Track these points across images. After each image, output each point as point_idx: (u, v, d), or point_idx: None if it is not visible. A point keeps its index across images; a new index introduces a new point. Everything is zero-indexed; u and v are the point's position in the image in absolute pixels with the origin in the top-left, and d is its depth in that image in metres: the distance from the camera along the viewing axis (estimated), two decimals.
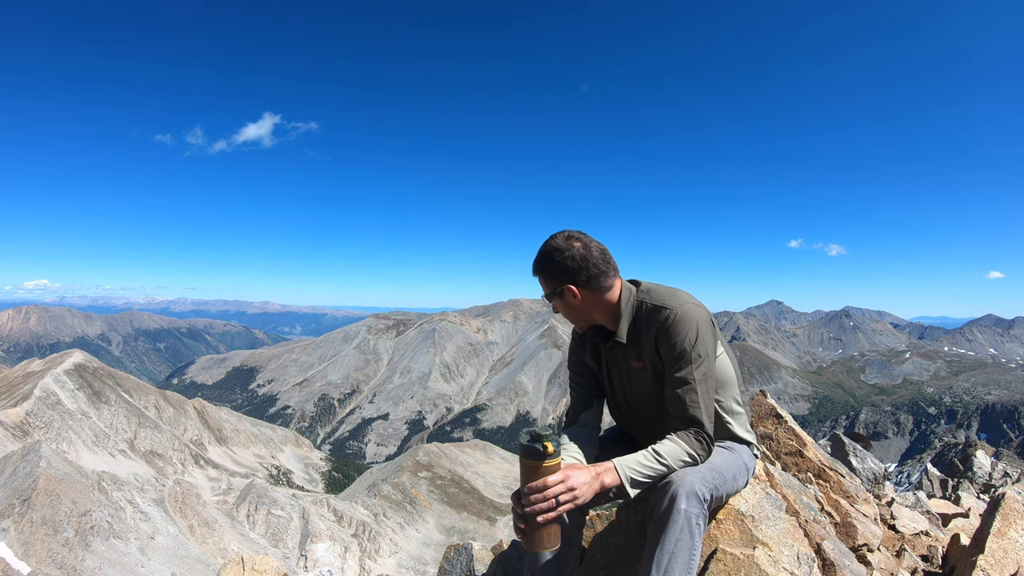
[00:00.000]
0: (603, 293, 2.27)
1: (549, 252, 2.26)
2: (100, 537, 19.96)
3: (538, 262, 2.29)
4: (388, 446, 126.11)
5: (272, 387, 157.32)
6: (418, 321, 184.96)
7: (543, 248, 2.28)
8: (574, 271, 2.23)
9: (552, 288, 2.29)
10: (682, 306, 2.19)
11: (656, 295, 2.27)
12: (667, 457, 2.10)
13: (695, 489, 2.05)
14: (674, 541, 1.99)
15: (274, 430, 71.93)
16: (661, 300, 2.24)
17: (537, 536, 1.95)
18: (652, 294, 2.27)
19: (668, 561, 1.97)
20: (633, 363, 2.30)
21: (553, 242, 2.26)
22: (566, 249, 2.23)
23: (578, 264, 2.22)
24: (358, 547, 32.28)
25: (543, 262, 2.28)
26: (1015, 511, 2.73)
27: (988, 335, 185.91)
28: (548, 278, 2.29)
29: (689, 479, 2.07)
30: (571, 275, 2.24)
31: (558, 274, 2.25)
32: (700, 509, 2.05)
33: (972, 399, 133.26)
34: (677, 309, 2.18)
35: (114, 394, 49.22)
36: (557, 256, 2.24)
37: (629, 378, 2.36)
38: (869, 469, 4.31)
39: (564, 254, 2.23)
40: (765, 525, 2.56)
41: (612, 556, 2.72)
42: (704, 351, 2.18)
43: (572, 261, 2.22)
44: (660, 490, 2.09)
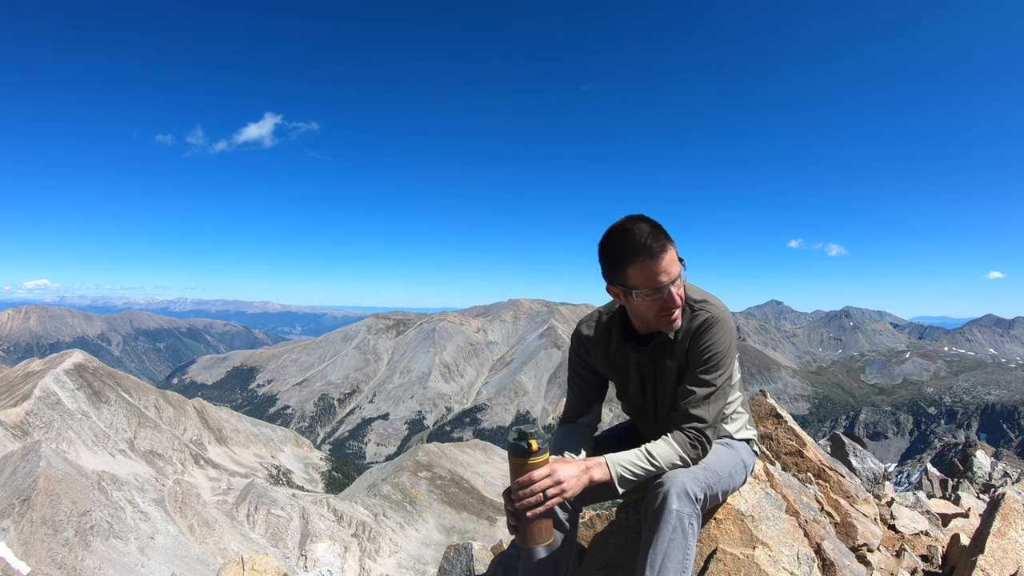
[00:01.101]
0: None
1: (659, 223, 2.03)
2: (100, 537, 19.96)
3: (663, 228, 2.01)
4: (388, 446, 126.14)
5: (272, 387, 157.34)
6: (418, 321, 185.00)
7: (650, 218, 2.01)
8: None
9: (679, 262, 2.05)
10: (722, 311, 2.14)
11: (692, 295, 2.18)
12: (659, 458, 2.08)
13: (687, 488, 2.04)
14: (667, 541, 1.98)
15: (274, 430, 71.95)
16: (699, 302, 2.16)
17: (529, 532, 1.96)
18: (687, 293, 2.18)
19: (662, 561, 1.97)
20: (669, 362, 2.22)
21: (648, 216, 2.03)
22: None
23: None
24: (358, 547, 32.29)
25: (664, 229, 2.02)
26: (1015, 511, 2.73)
27: (988, 335, 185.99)
28: (673, 249, 2.03)
29: (681, 478, 2.06)
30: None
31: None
32: (692, 509, 2.04)
33: (972, 399, 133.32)
34: (719, 313, 2.13)
35: (114, 394, 49.23)
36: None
37: (662, 377, 2.27)
38: (869, 469, 4.32)
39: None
40: (765, 525, 2.57)
41: (612, 556, 2.72)
42: (732, 358, 2.17)
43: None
44: (652, 490, 2.09)
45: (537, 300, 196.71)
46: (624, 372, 2.37)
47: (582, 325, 2.45)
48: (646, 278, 1.99)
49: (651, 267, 1.96)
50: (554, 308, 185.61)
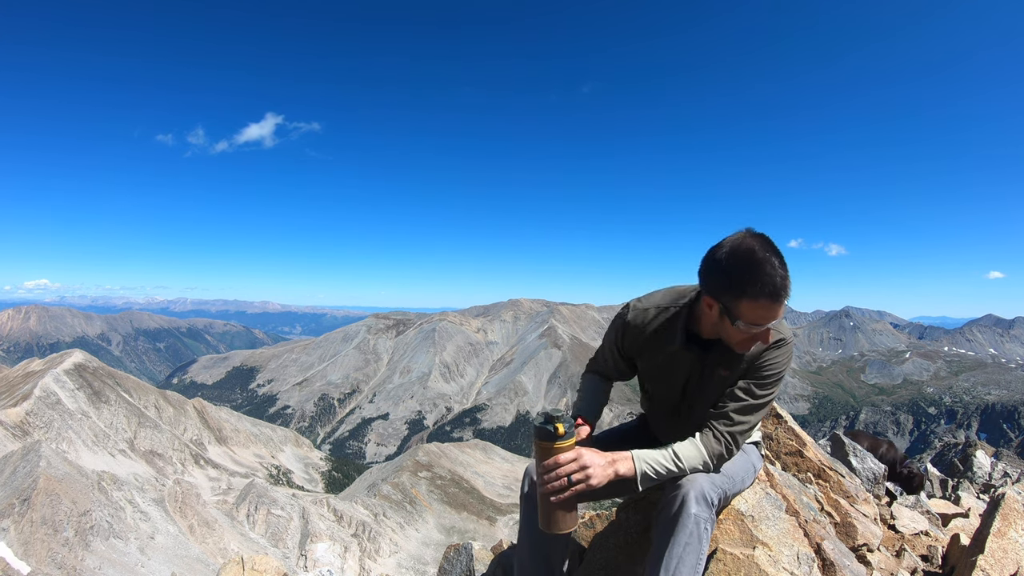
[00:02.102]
0: None
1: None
2: (100, 537, 19.95)
3: (786, 266, 1.90)
4: (388, 446, 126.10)
5: (272, 387, 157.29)
6: (418, 321, 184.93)
7: (779, 250, 1.90)
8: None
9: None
10: (790, 334, 2.14)
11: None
12: (684, 460, 2.06)
13: (705, 493, 2.04)
14: (683, 545, 1.98)
15: (274, 430, 71.94)
16: (778, 327, 2.09)
17: (553, 517, 1.94)
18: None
19: (676, 565, 1.97)
20: (723, 371, 2.16)
21: (777, 246, 1.94)
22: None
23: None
24: (358, 547, 32.28)
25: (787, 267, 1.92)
26: (1015, 511, 2.73)
27: (988, 335, 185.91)
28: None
29: (700, 483, 2.06)
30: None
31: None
32: (709, 513, 2.05)
33: (972, 399, 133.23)
34: (789, 337, 2.13)
35: (114, 394, 49.22)
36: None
37: (709, 383, 2.20)
38: (869, 469, 4.31)
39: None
40: (765, 525, 2.57)
41: (612, 556, 2.72)
42: (777, 379, 2.17)
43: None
44: (669, 492, 2.09)
45: (537, 300, 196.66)
46: (667, 369, 2.28)
47: (633, 314, 2.30)
48: (759, 317, 1.88)
49: (768, 310, 1.87)
50: (554, 308, 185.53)
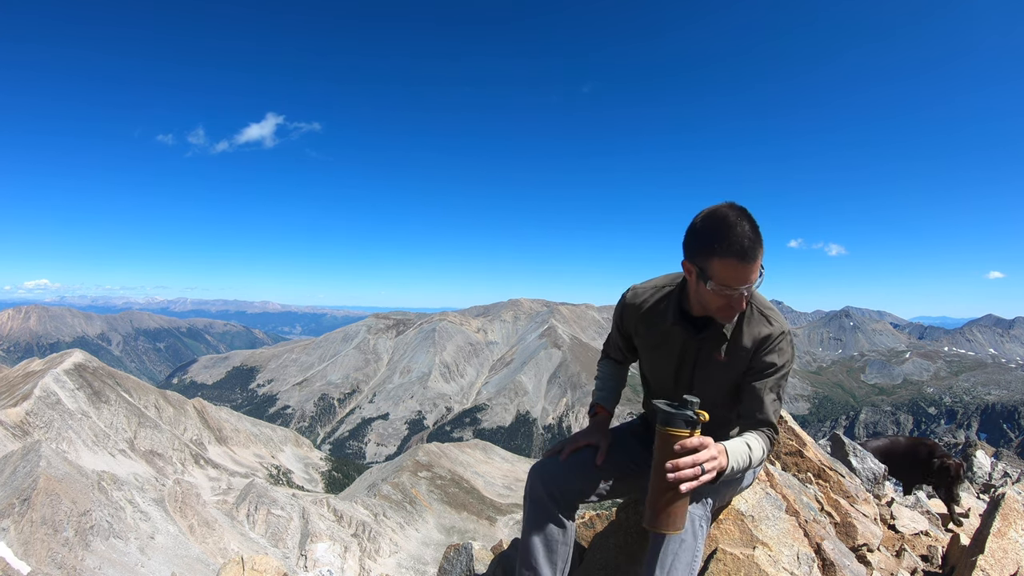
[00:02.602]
0: None
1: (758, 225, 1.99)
2: (100, 537, 19.95)
3: (760, 233, 1.97)
4: (388, 446, 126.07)
5: (272, 387, 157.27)
6: (418, 321, 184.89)
7: (752, 217, 1.97)
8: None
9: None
10: (786, 325, 2.24)
11: (761, 300, 2.24)
12: (755, 457, 2.10)
13: (699, 490, 2.04)
14: (678, 542, 1.99)
15: (274, 430, 71.93)
16: (770, 312, 2.22)
17: (674, 513, 1.86)
18: (760, 303, 2.22)
19: (672, 562, 1.98)
20: (718, 356, 2.22)
21: (751, 214, 1.99)
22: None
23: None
24: (358, 547, 32.29)
25: (761, 234, 1.98)
26: (1015, 511, 2.73)
27: (988, 335, 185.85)
28: (762, 255, 2.00)
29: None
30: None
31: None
32: (703, 511, 2.06)
33: (972, 399, 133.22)
34: (786, 328, 2.22)
35: (114, 394, 49.22)
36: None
37: (706, 366, 2.25)
38: (869, 469, 4.31)
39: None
40: (765, 525, 2.57)
41: (612, 556, 2.72)
42: (792, 362, 2.27)
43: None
44: None
45: (537, 300, 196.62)
46: (663, 348, 2.33)
47: (631, 293, 2.42)
48: (728, 277, 1.96)
49: (738, 270, 1.94)
50: (554, 308, 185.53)
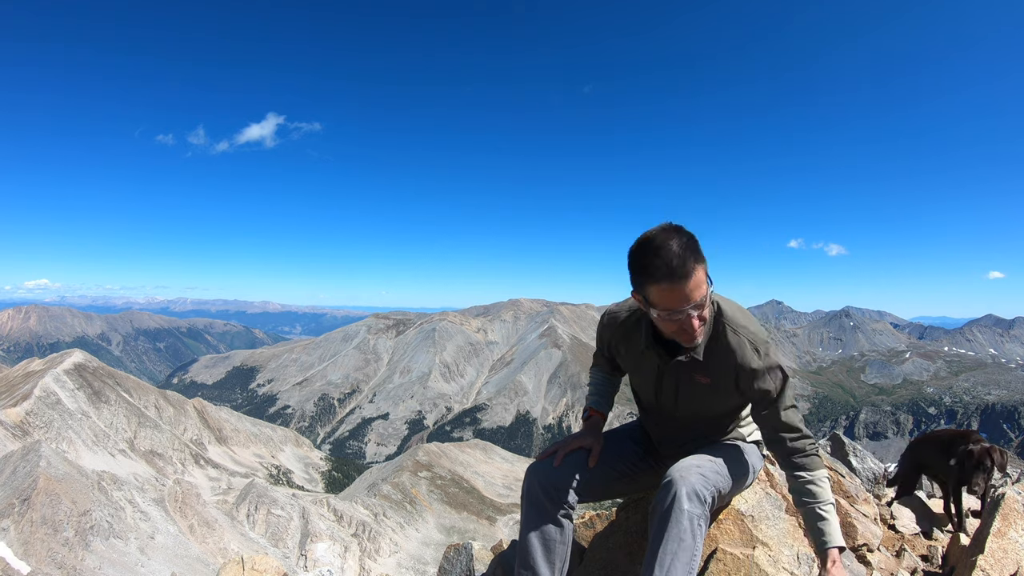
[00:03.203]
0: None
1: (694, 240, 1.95)
2: (100, 537, 19.95)
3: (695, 248, 1.93)
4: (388, 446, 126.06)
5: (272, 387, 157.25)
6: (418, 321, 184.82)
7: (686, 234, 1.93)
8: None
9: (706, 282, 1.98)
10: (767, 339, 2.19)
11: (736, 320, 2.16)
12: (829, 497, 2.22)
13: (696, 490, 2.05)
14: (676, 542, 1.99)
15: (274, 430, 71.92)
16: (741, 327, 2.16)
17: None
18: (731, 319, 2.16)
19: (671, 561, 1.98)
20: (700, 378, 2.21)
21: (684, 231, 1.96)
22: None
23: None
24: (358, 547, 32.29)
25: (698, 249, 1.94)
26: (1015, 511, 2.73)
27: (988, 335, 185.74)
28: (703, 269, 1.96)
29: (692, 479, 2.07)
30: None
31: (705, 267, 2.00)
32: (702, 510, 2.06)
33: (972, 399, 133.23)
34: (761, 339, 2.17)
35: (114, 394, 49.23)
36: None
37: (688, 389, 2.27)
38: (869, 469, 4.32)
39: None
40: (765, 525, 2.57)
41: (612, 556, 2.72)
42: (788, 370, 2.26)
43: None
44: (662, 489, 2.10)
45: (537, 300, 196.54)
46: (642, 371, 2.38)
47: (608, 317, 2.47)
48: (668, 301, 1.93)
49: (672, 292, 1.91)
50: (554, 308, 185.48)
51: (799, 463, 2.21)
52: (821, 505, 2.18)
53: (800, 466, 2.21)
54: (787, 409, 2.20)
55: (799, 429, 2.22)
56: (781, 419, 2.20)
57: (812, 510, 2.20)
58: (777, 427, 2.22)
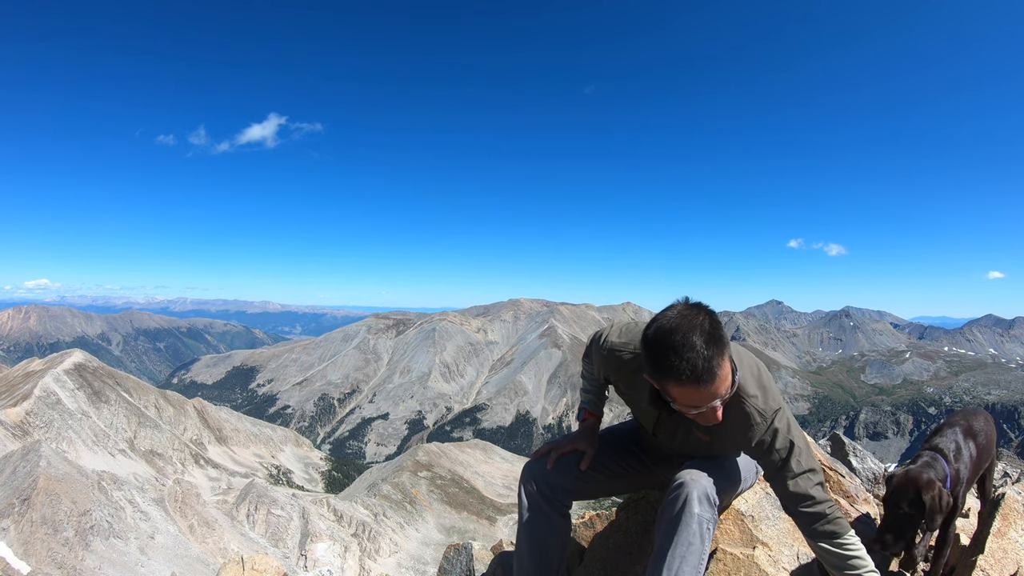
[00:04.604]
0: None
1: (717, 326, 1.79)
2: (100, 537, 19.95)
3: (720, 340, 1.77)
4: (388, 446, 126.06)
5: (272, 387, 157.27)
6: (418, 321, 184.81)
7: (708, 320, 1.77)
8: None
9: (731, 372, 1.85)
10: (778, 406, 2.05)
11: (747, 390, 2.01)
12: (864, 556, 2.05)
13: (708, 493, 2.06)
14: (686, 545, 1.99)
15: (274, 430, 71.92)
16: (760, 400, 2.03)
17: None
18: (743, 387, 2.01)
19: (679, 564, 1.98)
20: (700, 435, 2.15)
21: (706, 315, 1.80)
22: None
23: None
24: (358, 547, 32.29)
25: (722, 338, 1.79)
26: (1015, 511, 2.73)
27: (988, 335, 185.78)
28: (728, 362, 1.82)
29: (703, 483, 2.07)
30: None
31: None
32: (711, 514, 2.06)
33: (972, 399, 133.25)
34: (775, 412, 2.03)
35: (114, 394, 49.23)
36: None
37: (686, 438, 2.23)
38: (869, 469, 4.31)
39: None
40: (765, 525, 2.57)
41: (612, 556, 2.73)
42: (801, 438, 2.08)
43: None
44: (672, 492, 2.10)
45: (537, 300, 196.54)
46: (639, 408, 2.30)
47: (606, 350, 2.29)
48: (690, 400, 1.81)
49: (696, 394, 1.78)
50: (554, 308, 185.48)
51: (822, 531, 2.02)
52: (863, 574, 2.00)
53: (824, 535, 2.02)
54: (796, 478, 2.02)
55: (811, 496, 2.01)
56: (789, 489, 2.04)
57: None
58: (787, 496, 2.07)
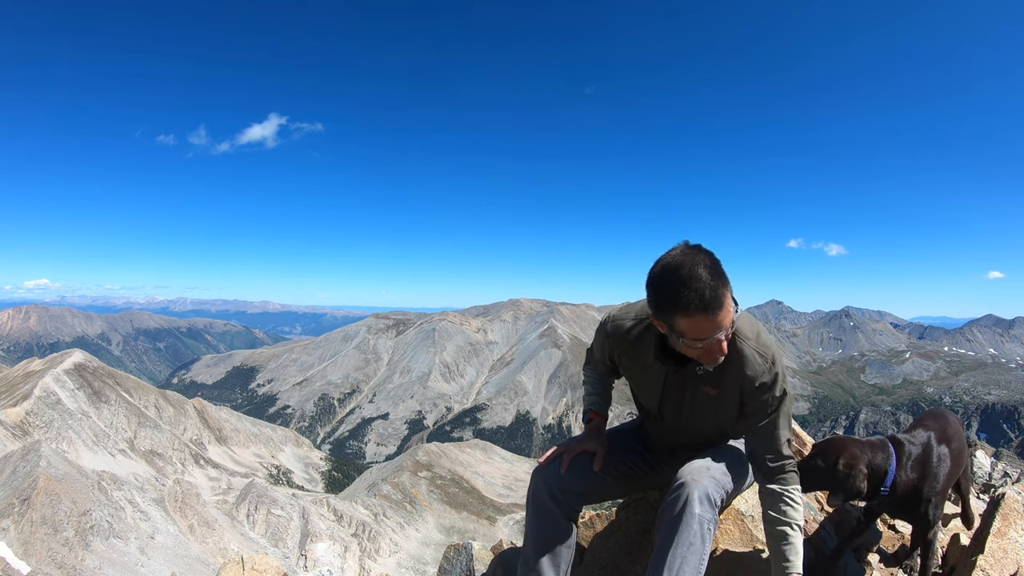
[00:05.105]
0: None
1: (718, 262, 1.90)
2: (100, 537, 19.95)
3: (722, 273, 1.87)
4: (388, 446, 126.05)
5: (272, 387, 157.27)
6: (418, 321, 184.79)
7: (710, 256, 1.87)
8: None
9: (732, 304, 1.92)
10: (776, 352, 2.13)
11: (745, 332, 2.10)
12: (799, 523, 2.12)
13: (708, 494, 2.05)
14: (687, 546, 1.99)
15: (274, 430, 71.91)
16: (755, 342, 2.10)
17: None
18: (741, 330, 2.08)
19: (680, 565, 1.98)
20: (707, 389, 2.17)
21: (708, 253, 1.90)
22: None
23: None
24: (358, 547, 32.29)
25: (723, 272, 1.88)
26: (1015, 511, 2.73)
27: (988, 335, 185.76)
28: (729, 293, 1.89)
29: (704, 483, 2.07)
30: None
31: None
32: (712, 514, 2.06)
33: (972, 399, 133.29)
34: (775, 354, 2.12)
35: (114, 394, 49.23)
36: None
37: (693, 400, 2.23)
38: None
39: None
40: None
41: (612, 556, 2.73)
42: (789, 387, 2.18)
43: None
44: (673, 492, 2.10)
45: (537, 300, 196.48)
46: (646, 381, 2.32)
47: (612, 325, 2.35)
48: (698, 331, 1.86)
49: (704, 323, 1.84)
50: (554, 308, 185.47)
51: (778, 480, 2.15)
52: (789, 526, 2.09)
53: (777, 481, 2.15)
54: (779, 429, 2.14)
55: (781, 450, 2.14)
56: (773, 434, 2.13)
57: (777, 531, 2.11)
58: (765, 441, 2.15)
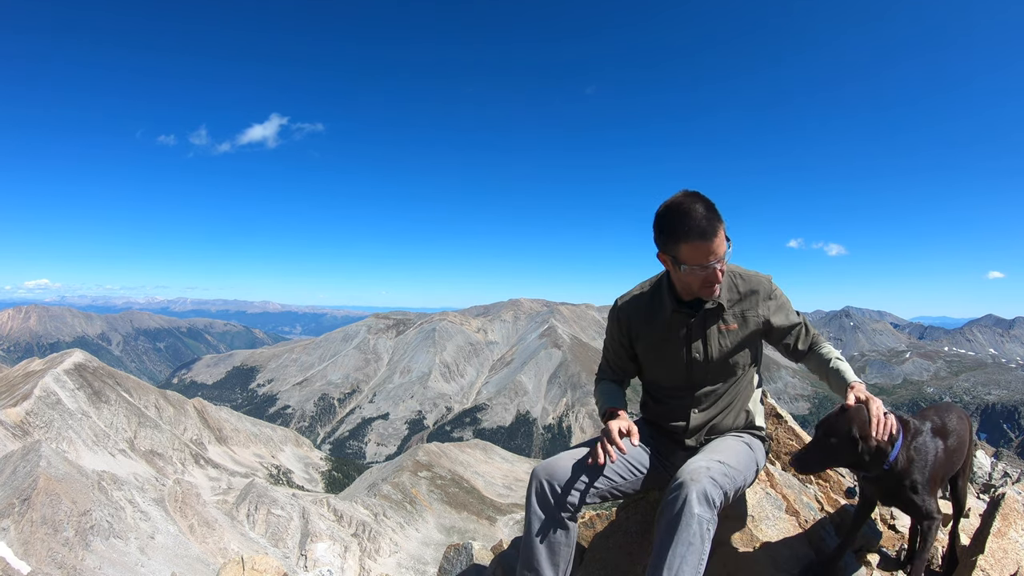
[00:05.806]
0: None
1: (713, 203, 2.23)
2: (100, 537, 19.95)
3: (716, 209, 2.21)
4: (388, 446, 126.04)
5: (272, 387, 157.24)
6: (418, 321, 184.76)
7: (706, 198, 2.22)
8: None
9: (726, 239, 2.26)
10: (761, 279, 2.53)
11: (738, 268, 2.52)
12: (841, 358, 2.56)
13: (708, 494, 2.04)
14: (686, 545, 1.98)
15: (274, 430, 71.89)
16: (746, 271, 2.52)
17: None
18: (733, 268, 2.51)
19: (679, 565, 1.97)
20: (727, 326, 2.43)
21: (704, 195, 2.25)
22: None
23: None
24: (358, 547, 32.29)
25: (718, 210, 2.22)
26: (1015, 511, 2.73)
27: (988, 335, 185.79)
28: (723, 228, 2.25)
29: (703, 483, 2.06)
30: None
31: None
32: (711, 514, 2.05)
33: (972, 399, 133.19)
34: (769, 276, 2.55)
35: (114, 394, 49.23)
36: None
37: (718, 340, 2.43)
38: None
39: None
40: (765, 525, 2.57)
41: (612, 556, 2.73)
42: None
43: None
44: (672, 491, 2.09)
45: (537, 300, 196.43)
46: (669, 338, 2.47)
47: (622, 301, 2.59)
48: (697, 257, 2.20)
49: (703, 248, 2.17)
50: (554, 308, 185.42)
51: (820, 349, 2.61)
52: (835, 358, 2.52)
53: (816, 345, 2.62)
54: (795, 314, 2.60)
55: (807, 326, 2.62)
56: (807, 327, 2.62)
57: (831, 368, 2.50)
58: (796, 334, 2.57)
